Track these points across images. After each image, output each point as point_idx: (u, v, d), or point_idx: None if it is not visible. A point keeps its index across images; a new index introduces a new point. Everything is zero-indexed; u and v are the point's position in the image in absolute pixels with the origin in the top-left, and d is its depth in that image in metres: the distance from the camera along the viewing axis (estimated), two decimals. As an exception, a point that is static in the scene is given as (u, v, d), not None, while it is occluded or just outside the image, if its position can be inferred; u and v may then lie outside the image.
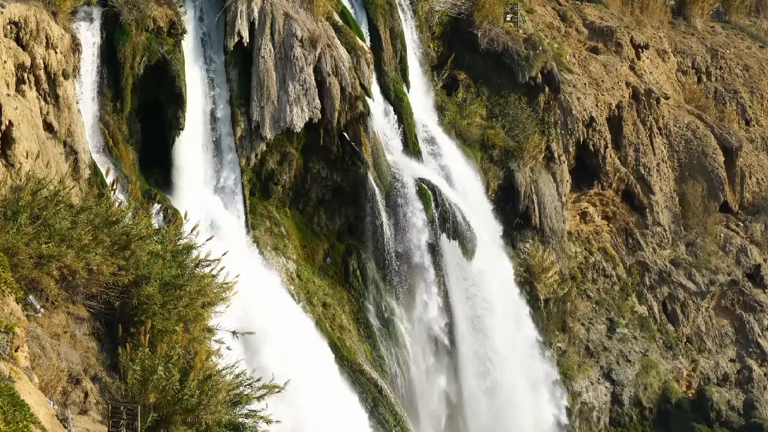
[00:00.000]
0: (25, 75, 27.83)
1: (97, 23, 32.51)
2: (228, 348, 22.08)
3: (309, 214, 38.96)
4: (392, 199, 39.18)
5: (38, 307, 19.09)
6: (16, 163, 25.85)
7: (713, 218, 55.22)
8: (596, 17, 56.90)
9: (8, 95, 26.29)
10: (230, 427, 19.73)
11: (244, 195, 36.31)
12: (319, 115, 37.16)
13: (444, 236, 40.07)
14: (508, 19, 48.89)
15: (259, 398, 20.39)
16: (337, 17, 39.76)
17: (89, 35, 32.04)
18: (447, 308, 40.77)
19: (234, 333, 22.53)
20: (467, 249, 40.76)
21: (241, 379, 20.38)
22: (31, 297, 18.96)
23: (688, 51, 61.24)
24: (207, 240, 23.68)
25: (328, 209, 39.09)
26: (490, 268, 42.27)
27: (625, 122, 52.58)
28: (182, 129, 34.19)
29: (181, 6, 35.09)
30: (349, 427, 33.81)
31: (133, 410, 18.01)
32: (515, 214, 45.90)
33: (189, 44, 35.27)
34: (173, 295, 20.64)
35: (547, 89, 48.00)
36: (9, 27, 27.43)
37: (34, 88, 28.16)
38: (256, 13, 36.28)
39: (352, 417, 34.55)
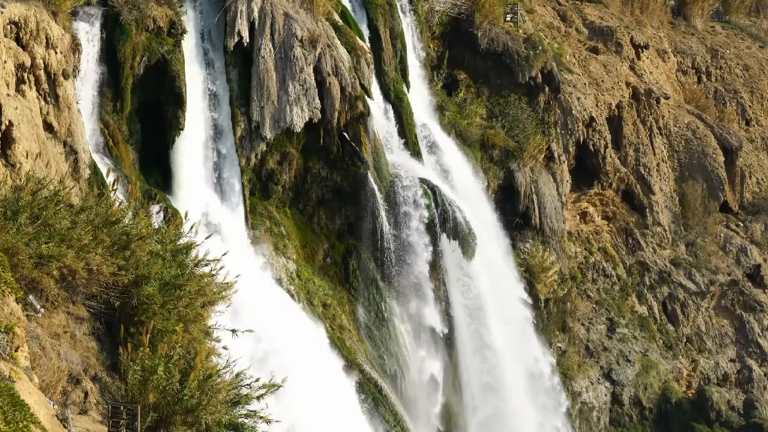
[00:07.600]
0: (25, 75, 27.82)
1: (97, 23, 32.50)
2: (224, 348, 22.10)
3: (309, 214, 38.96)
4: (392, 199, 39.18)
5: (38, 307, 19.11)
6: (16, 163, 25.85)
7: (713, 218, 55.18)
8: (596, 17, 56.87)
9: (8, 95, 26.28)
10: (230, 427, 19.74)
11: (244, 195, 36.31)
12: (319, 115, 37.15)
13: (444, 236, 40.07)
14: (508, 19, 48.84)
15: (258, 398, 20.42)
16: (337, 17, 39.76)
17: (89, 35, 32.04)
18: (447, 308, 40.77)
19: (234, 331, 22.57)
20: (467, 249, 40.75)
21: (240, 378, 20.40)
22: (31, 297, 18.98)
23: (688, 51, 61.22)
24: (206, 239, 23.72)
25: (328, 209, 39.09)
26: (489, 267, 42.26)
27: (625, 122, 52.56)
28: (182, 129, 34.19)
29: (181, 6, 35.09)
30: (349, 426, 33.82)
31: (133, 410, 18.03)
32: (515, 214, 45.87)
33: (189, 44, 35.27)
34: (173, 295, 20.67)
35: (547, 89, 47.98)
36: (9, 27, 27.42)
37: (34, 88, 28.15)
38: (256, 13, 36.28)
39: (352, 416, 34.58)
